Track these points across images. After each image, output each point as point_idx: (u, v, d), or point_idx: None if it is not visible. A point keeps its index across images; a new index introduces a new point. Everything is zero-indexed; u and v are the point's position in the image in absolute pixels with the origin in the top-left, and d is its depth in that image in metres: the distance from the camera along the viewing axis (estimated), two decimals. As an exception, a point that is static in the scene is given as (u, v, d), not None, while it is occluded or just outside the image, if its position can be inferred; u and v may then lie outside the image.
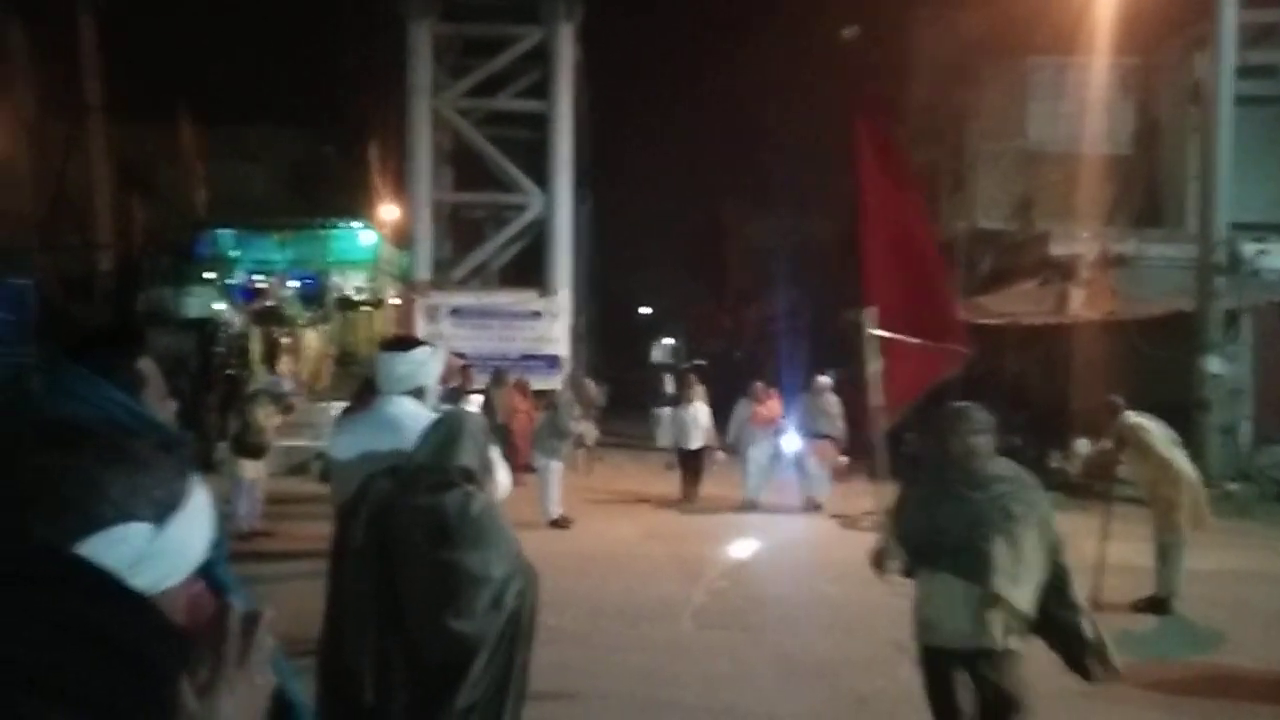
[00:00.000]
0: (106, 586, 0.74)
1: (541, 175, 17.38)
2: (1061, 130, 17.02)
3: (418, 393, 3.39)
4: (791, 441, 11.51)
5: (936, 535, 3.38)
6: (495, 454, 3.39)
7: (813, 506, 11.18)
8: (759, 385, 11.82)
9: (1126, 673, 5.60)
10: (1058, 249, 14.77)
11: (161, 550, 0.83)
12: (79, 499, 0.79)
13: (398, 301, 17.91)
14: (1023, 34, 16.85)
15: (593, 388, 14.11)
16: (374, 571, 2.68)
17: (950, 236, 17.25)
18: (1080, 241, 14.62)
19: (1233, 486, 12.21)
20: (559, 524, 10.04)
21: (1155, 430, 7.27)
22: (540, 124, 17.53)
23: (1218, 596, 7.29)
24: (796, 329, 31.39)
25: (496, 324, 16.62)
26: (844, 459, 11.29)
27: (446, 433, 2.87)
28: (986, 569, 3.25)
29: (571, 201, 17.63)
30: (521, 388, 13.80)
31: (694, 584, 7.68)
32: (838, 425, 11.27)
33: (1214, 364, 12.39)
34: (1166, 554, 7.10)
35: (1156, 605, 7.05)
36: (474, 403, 10.10)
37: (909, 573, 3.56)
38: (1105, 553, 7.30)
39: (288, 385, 11.58)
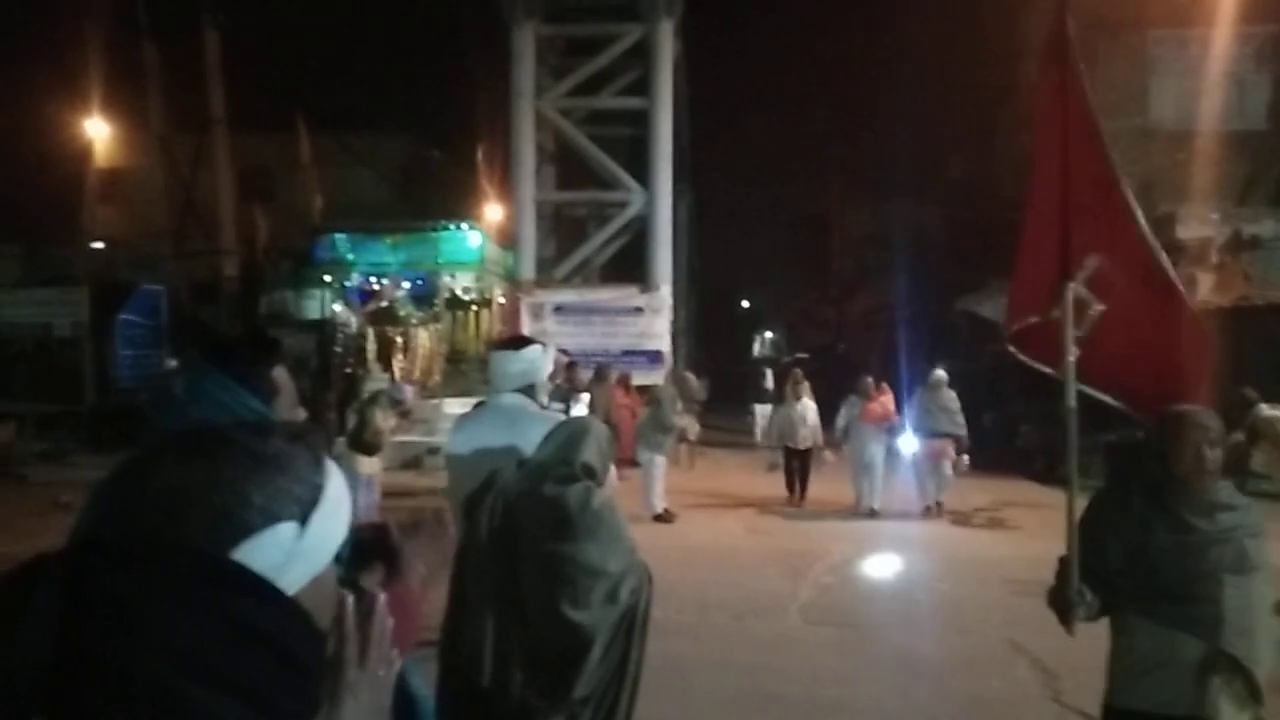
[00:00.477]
0: (264, 590, 0.79)
1: (642, 172, 17.47)
2: (1186, 106, 16.15)
3: (529, 390, 3.47)
4: (909, 442, 10.79)
5: (1148, 574, 2.71)
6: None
7: (935, 512, 10.57)
8: (868, 380, 10.99)
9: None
10: (1184, 232, 14.04)
11: (307, 547, 0.86)
12: (227, 509, 0.82)
13: (503, 300, 18.28)
14: (1143, 7, 16.06)
15: (694, 382, 13.95)
16: (498, 562, 2.77)
17: (1066, 221, 16.59)
18: (1209, 223, 13.86)
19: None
20: (663, 518, 10.11)
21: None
22: (641, 121, 17.61)
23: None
24: (903, 320, 30.72)
25: (599, 320, 16.80)
26: (965, 458, 10.63)
27: (571, 433, 2.96)
28: (1218, 622, 2.61)
29: (671, 197, 17.66)
30: (624, 383, 13.93)
31: (801, 580, 7.63)
32: (958, 422, 10.52)
33: (1362, 351, 11.56)
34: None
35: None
36: (582, 400, 10.18)
37: (1102, 613, 2.85)
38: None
39: (409, 391, 11.95)
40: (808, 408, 11.16)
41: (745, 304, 58.77)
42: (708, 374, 25.62)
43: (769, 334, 66.86)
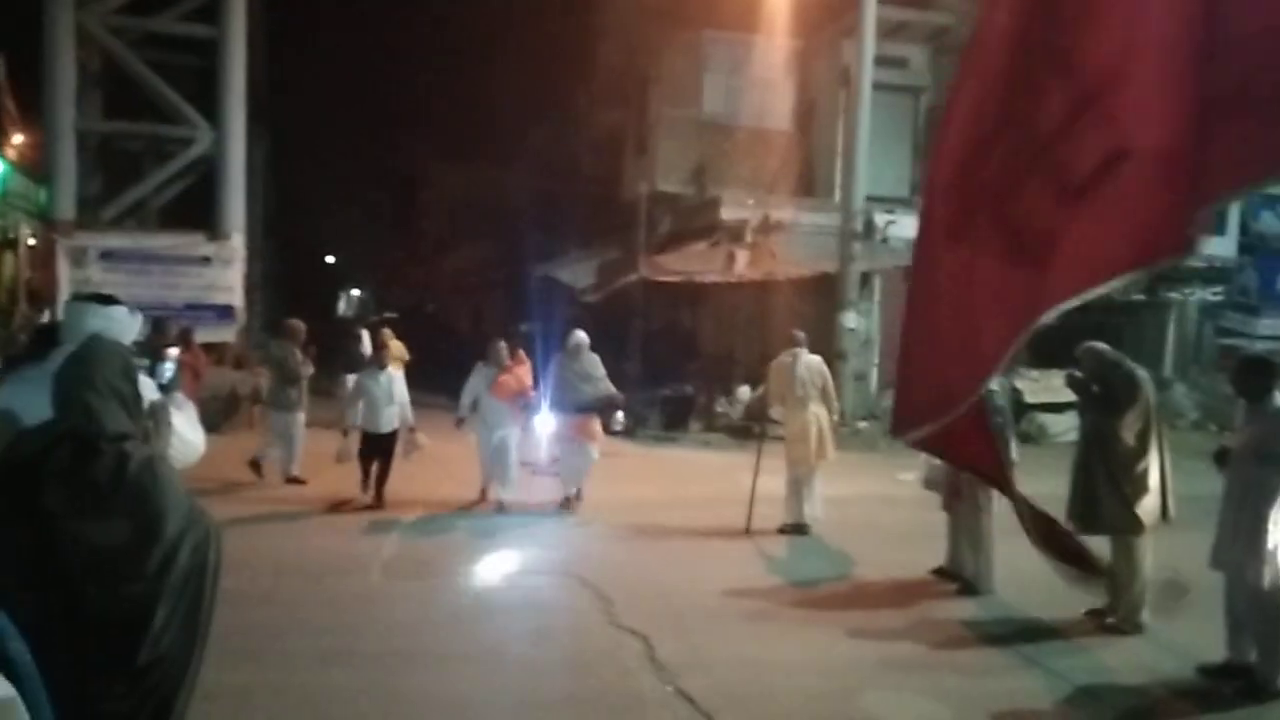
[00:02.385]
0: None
1: (210, 108, 15.94)
2: (732, 103, 18.40)
3: None
4: (545, 421, 9.20)
5: None
6: (188, 412, 3.27)
7: (573, 505, 8.92)
8: (501, 346, 9.06)
9: (775, 594, 6.44)
10: (727, 214, 16.04)
11: None
12: None
13: (34, 242, 15.69)
14: (702, 8, 17.93)
15: (300, 327, 12.29)
16: (19, 533, 2.50)
17: (633, 197, 18.15)
18: (746, 208, 16.00)
19: (863, 424, 14.16)
20: (296, 480, 9.55)
21: (795, 372, 8.28)
22: (210, 51, 16.02)
23: (849, 519, 8.50)
24: (491, 283, 31.49)
25: (157, 269, 15.13)
26: (619, 414, 10.19)
27: (76, 380, 2.70)
28: None
29: (245, 138, 16.34)
30: (186, 340, 12.54)
31: (384, 537, 7.67)
32: (604, 388, 9.03)
33: (850, 319, 14.19)
34: (798, 485, 8.18)
35: (797, 529, 8.10)
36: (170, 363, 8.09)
37: None
38: (756, 486, 8.25)
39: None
40: (394, 379, 9.05)
41: (330, 260, 56.13)
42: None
43: (355, 292, 64.64)
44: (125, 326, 3.23)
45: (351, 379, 11.21)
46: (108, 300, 3.30)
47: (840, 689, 4.84)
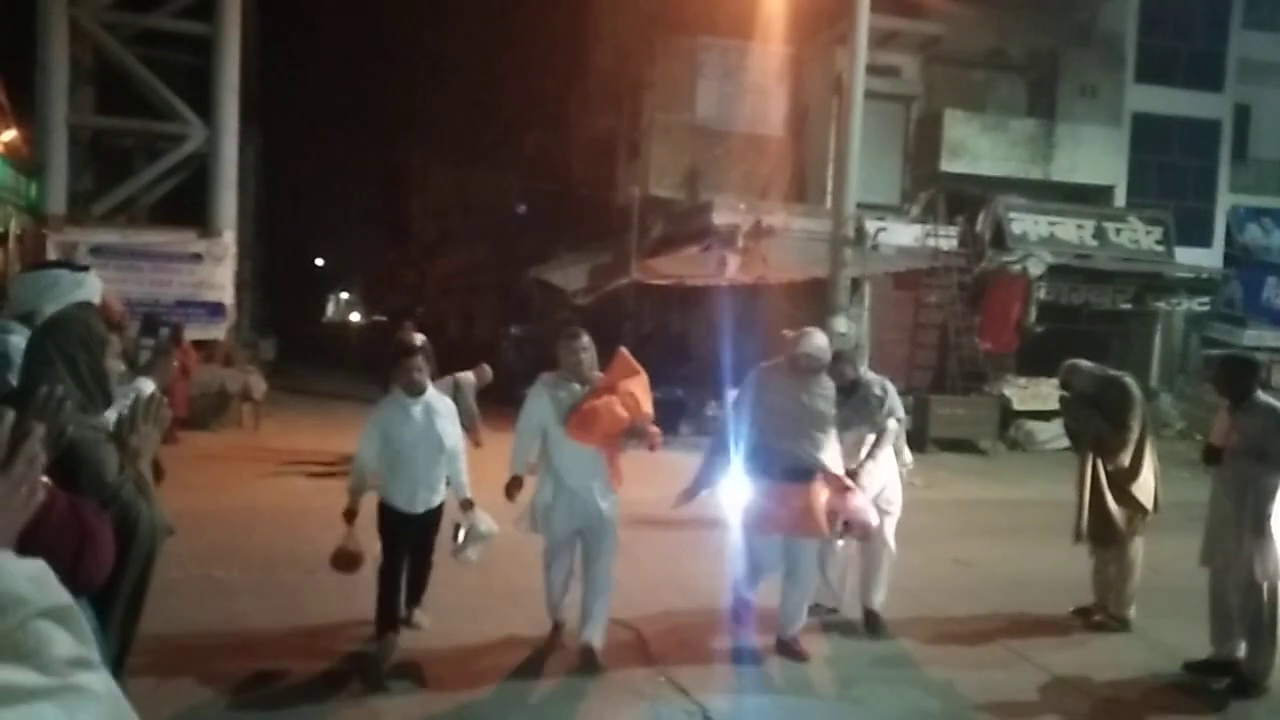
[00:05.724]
0: None
1: (203, 105, 15.90)
2: (726, 109, 18.50)
3: (27, 318, 3.07)
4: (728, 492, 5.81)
5: None
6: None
7: (794, 648, 5.21)
8: (582, 342, 4.93)
9: (764, 588, 6.45)
10: (719, 218, 16.12)
11: None
12: None
13: (18, 234, 15.61)
14: (696, 13, 18.04)
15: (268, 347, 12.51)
16: None
17: (625, 202, 18.21)
18: (738, 213, 16.07)
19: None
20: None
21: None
22: (203, 48, 16.00)
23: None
24: (482, 286, 31.50)
25: (148, 266, 15.07)
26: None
27: (30, 346, 2.60)
28: None
29: (237, 136, 16.31)
30: (177, 337, 12.56)
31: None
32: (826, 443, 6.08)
33: (840, 323, 14.23)
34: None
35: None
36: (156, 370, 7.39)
37: None
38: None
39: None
40: (438, 412, 5.11)
41: (320, 262, 56.06)
42: (275, 333, 24.26)
43: (345, 294, 64.54)
44: (53, 291, 3.13)
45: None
46: (45, 266, 3.24)
47: (831, 679, 4.87)
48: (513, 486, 4.89)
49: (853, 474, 5.28)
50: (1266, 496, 4.82)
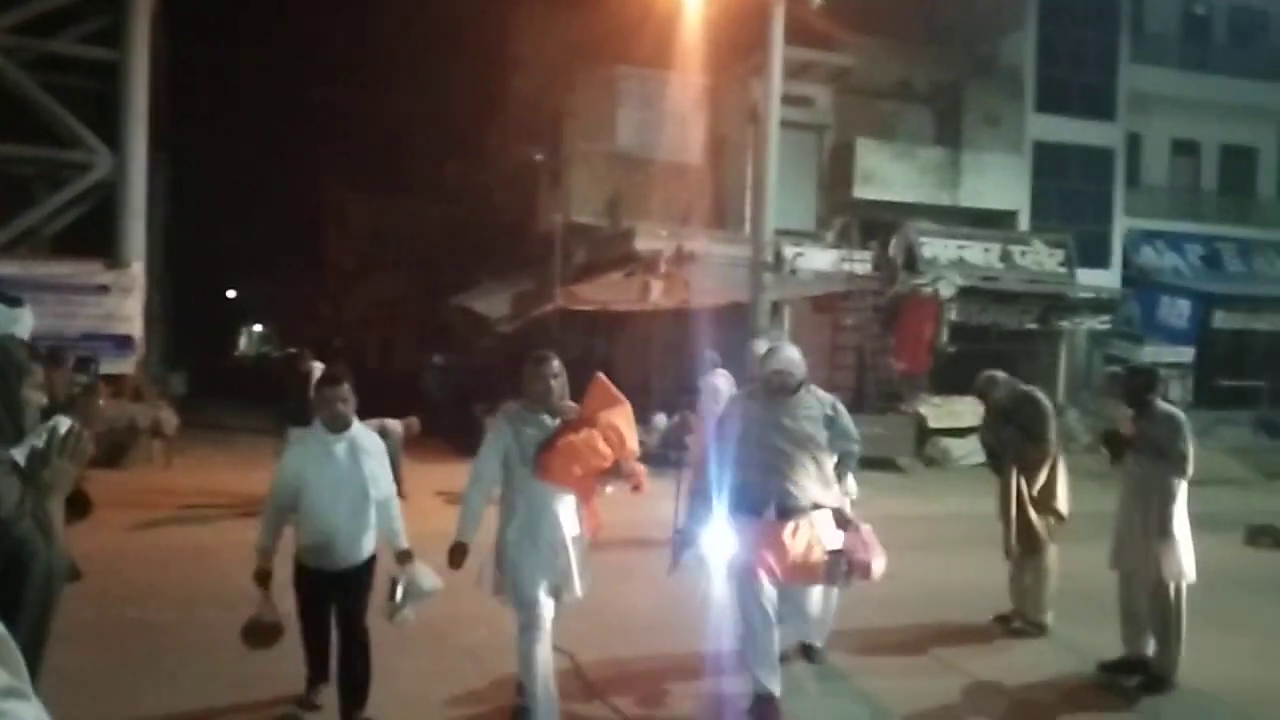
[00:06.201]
0: None
1: (110, 132, 15.43)
2: (645, 137, 18.75)
3: None
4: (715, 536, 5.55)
5: None
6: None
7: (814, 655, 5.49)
8: (551, 365, 4.33)
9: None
10: (642, 245, 16.29)
11: None
12: None
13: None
14: (615, 43, 18.28)
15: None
16: None
17: (548, 229, 18.26)
18: (660, 239, 16.26)
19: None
20: None
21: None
22: (109, 74, 15.55)
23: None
24: (404, 315, 31.08)
25: (51, 299, 14.44)
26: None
27: None
28: None
29: (146, 164, 15.86)
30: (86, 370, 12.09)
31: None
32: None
33: (761, 346, 14.47)
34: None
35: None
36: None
37: None
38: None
39: None
40: (365, 450, 4.54)
41: (232, 294, 54.55)
42: (187, 367, 23.48)
43: (258, 328, 62.83)
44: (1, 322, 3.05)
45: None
46: None
47: (765, 695, 4.93)
48: (457, 554, 4.15)
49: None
50: (1169, 498, 5.09)
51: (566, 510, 4.21)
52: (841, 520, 4.51)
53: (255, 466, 11.60)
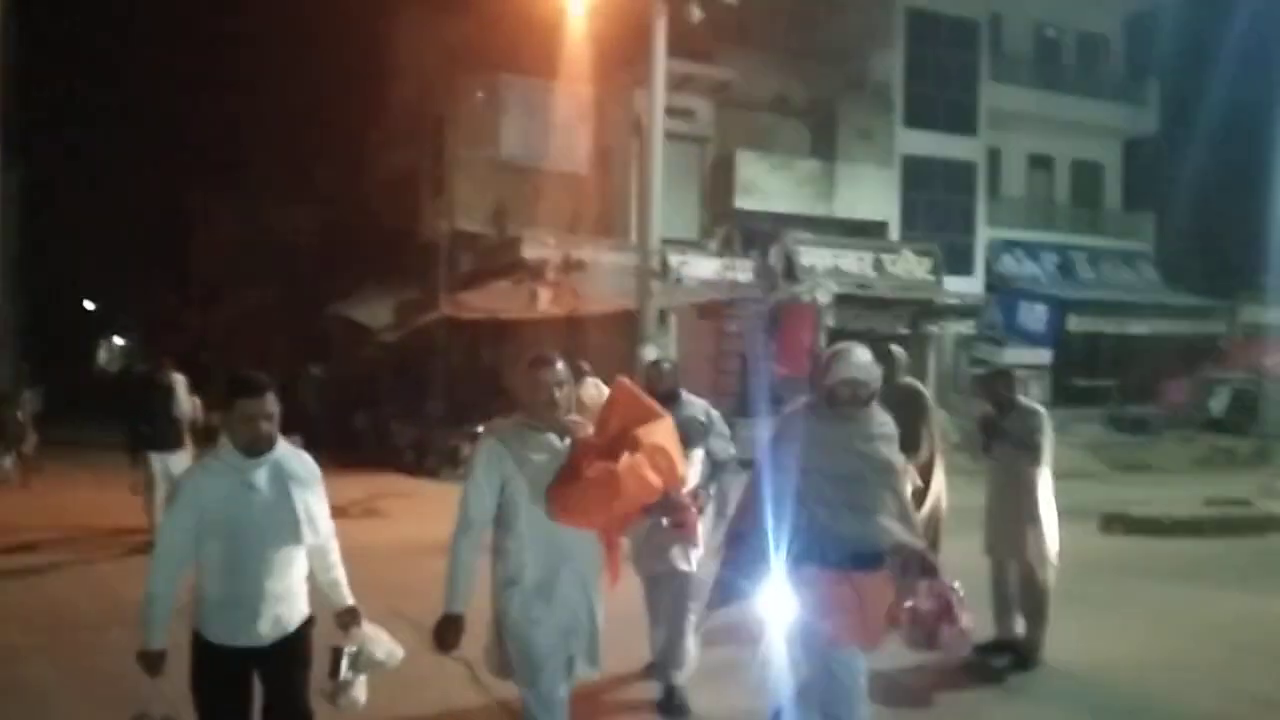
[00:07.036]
0: None
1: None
2: (531, 145, 18.73)
3: None
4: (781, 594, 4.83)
5: None
6: None
7: None
8: (555, 369, 3.51)
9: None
10: (529, 252, 16.27)
11: None
12: None
13: None
14: (498, 51, 18.20)
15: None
16: None
17: (432, 236, 18.03)
18: (547, 247, 16.28)
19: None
20: None
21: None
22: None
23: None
24: (277, 326, 29.97)
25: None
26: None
27: None
28: None
29: (-4, 169, 14.91)
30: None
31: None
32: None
33: (650, 352, 14.67)
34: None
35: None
36: None
37: None
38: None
39: None
40: (293, 478, 3.40)
41: (90, 305, 51.53)
42: (42, 383, 22.07)
43: (118, 340, 59.47)
44: None
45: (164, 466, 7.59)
46: None
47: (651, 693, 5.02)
48: (450, 630, 3.16)
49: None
50: (1033, 486, 5.46)
51: (590, 559, 3.26)
52: (927, 567, 3.46)
53: (116, 480, 11.01)
